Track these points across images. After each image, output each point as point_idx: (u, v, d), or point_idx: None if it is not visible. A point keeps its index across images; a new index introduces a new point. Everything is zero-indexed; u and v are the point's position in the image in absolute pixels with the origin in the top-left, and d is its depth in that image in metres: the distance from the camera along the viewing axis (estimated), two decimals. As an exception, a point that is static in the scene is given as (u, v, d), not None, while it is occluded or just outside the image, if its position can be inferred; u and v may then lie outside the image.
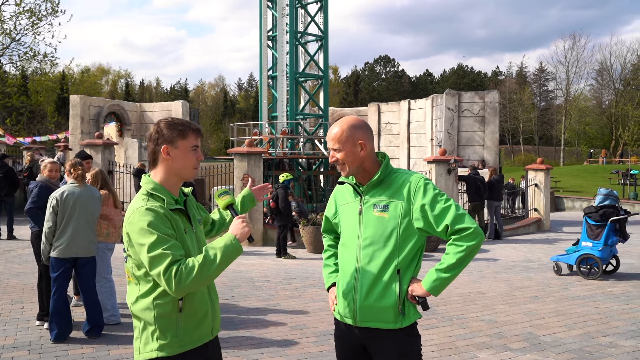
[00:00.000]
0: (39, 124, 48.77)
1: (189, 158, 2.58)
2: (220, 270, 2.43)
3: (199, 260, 2.38)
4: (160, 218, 2.44)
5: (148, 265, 2.39)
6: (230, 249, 2.43)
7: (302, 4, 20.10)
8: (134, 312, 2.54)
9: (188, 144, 2.57)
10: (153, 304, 2.47)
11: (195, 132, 2.60)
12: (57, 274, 5.91)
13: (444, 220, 2.67)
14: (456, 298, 8.13)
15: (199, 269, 2.36)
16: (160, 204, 2.50)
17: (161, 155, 2.56)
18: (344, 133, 2.78)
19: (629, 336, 6.31)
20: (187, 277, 2.34)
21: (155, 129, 2.59)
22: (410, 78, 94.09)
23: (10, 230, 13.35)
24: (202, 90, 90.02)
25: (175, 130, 2.56)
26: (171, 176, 2.59)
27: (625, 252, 12.16)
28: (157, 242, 2.38)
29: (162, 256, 2.36)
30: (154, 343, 2.49)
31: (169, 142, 2.55)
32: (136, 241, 2.42)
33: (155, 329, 2.48)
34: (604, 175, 39.36)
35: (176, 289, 2.35)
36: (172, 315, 2.48)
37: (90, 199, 6.07)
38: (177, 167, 2.58)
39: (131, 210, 2.50)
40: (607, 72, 65.78)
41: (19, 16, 30.11)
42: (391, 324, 2.74)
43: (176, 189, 2.63)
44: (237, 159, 14.02)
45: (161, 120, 2.63)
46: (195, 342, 2.55)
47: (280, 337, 6.14)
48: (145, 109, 24.57)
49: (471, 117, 21.04)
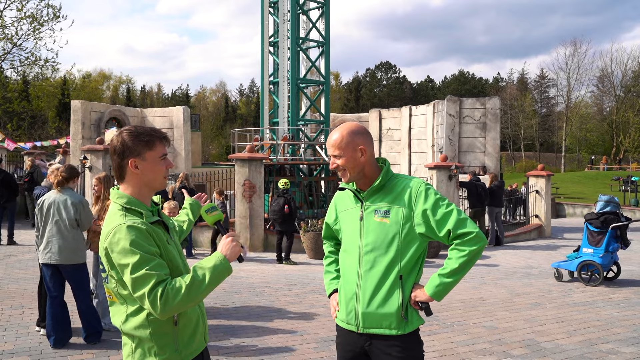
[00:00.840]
0: (40, 129, 48.80)
1: (158, 169, 2.45)
2: (209, 291, 2.32)
3: (187, 281, 2.26)
4: (142, 235, 2.30)
5: (131, 287, 2.25)
6: (220, 269, 2.32)
7: (303, 10, 20.14)
8: (126, 331, 2.41)
9: (156, 155, 2.43)
10: (147, 321, 2.36)
11: (161, 141, 2.46)
12: (47, 280, 5.96)
13: (446, 225, 2.66)
14: (457, 304, 8.11)
15: (187, 289, 2.24)
16: (139, 219, 2.36)
17: (129, 169, 2.42)
18: (344, 139, 2.78)
19: (630, 343, 6.30)
20: (174, 299, 2.22)
21: (120, 141, 2.42)
22: (412, 84, 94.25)
23: (10, 236, 13.35)
24: (204, 95, 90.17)
25: (141, 142, 2.41)
26: (142, 188, 2.46)
27: (626, 258, 12.14)
28: (141, 263, 2.24)
29: (146, 277, 2.22)
30: (152, 358, 2.39)
31: (136, 155, 2.40)
32: (118, 262, 2.28)
33: (153, 345, 2.38)
34: (605, 182, 39.39)
35: (161, 311, 2.23)
36: (169, 330, 2.39)
37: (63, 205, 5.91)
38: (147, 180, 2.44)
39: (109, 228, 2.33)
40: (608, 79, 65.92)
41: (21, 21, 30.23)
42: (394, 330, 2.73)
43: (149, 201, 2.50)
44: (238, 164, 14.02)
45: (123, 130, 2.46)
46: (193, 352, 2.50)
47: (281, 343, 6.13)
48: (147, 115, 24.59)
49: (472, 123, 21.05)
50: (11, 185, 13.48)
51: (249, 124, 64.46)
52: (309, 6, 20.42)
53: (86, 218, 6.04)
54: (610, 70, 65.27)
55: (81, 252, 6.04)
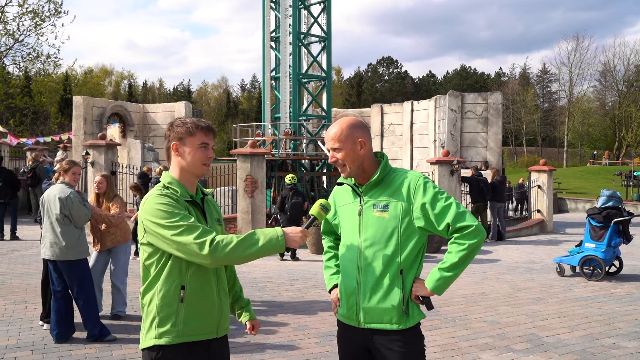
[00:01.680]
0: (42, 124, 48.88)
1: (196, 155, 2.65)
2: (256, 256, 2.47)
3: (240, 237, 2.45)
4: (174, 201, 2.53)
5: (177, 234, 2.42)
6: (274, 242, 2.47)
7: (305, 5, 20.09)
8: (142, 301, 2.62)
9: (196, 141, 2.64)
10: (157, 292, 2.54)
11: (203, 130, 2.66)
12: (50, 274, 5.99)
13: (445, 219, 2.65)
14: (459, 299, 8.12)
15: (238, 244, 2.42)
16: (175, 194, 2.59)
17: (172, 152, 2.68)
18: (344, 132, 2.77)
19: (632, 337, 6.30)
20: (224, 248, 2.41)
21: (169, 127, 2.71)
22: (414, 79, 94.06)
23: (13, 231, 13.38)
24: (205, 91, 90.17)
25: (184, 128, 2.65)
26: (183, 172, 2.68)
27: (628, 253, 12.14)
28: (181, 218, 2.46)
29: (192, 227, 2.44)
30: (153, 331, 2.53)
31: (178, 139, 2.65)
32: (156, 221, 2.47)
33: (155, 316, 2.53)
34: (607, 177, 39.35)
35: (211, 256, 2.40)
36: (174, 305, 2.52)
37: (52, 200, 5.84)
38: (186, 164, 2.66)
39: (144, 200, 2.60)
40: (611, 74, 65.72)
41: (22, 17, 30.15)
42: (395, 324, 2.72)
43: (192, 186, 2.70)
44: (240, 160, 14.02)
45: (176, 119, 2.74)
46: (194, 335, 2.55)
47: (283, 338, 6.15)
48: (149, 110, 24.59)
49: (474, 118, 21.02)
50: (13, 182, 13.52)
51: (251, 119, 64.44)
52: (310, 1, 20.38)
53: (77, 213, 5.84)
54: (613, 65, 65.15)
55: (73, 249, 5.84)
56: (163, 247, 2.50)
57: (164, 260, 2.53)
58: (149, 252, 2.56)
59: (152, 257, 2.56)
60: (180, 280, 2.52)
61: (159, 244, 2.51)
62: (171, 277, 2.52)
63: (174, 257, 2.51)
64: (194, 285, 2.53)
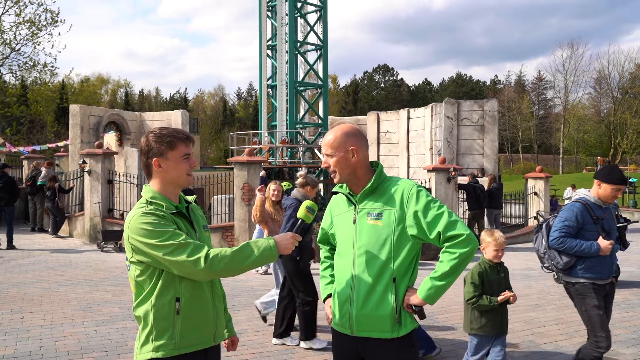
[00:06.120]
0: (39, 133, 48.77)
1: (180, 167, 2.62)
2: (251, 267, 2.50)
3: (234, 250, 2.47)
4: (160, 218, 2.49)
5: (169, 254, 2.40)
6: (267, 253, 2.51)
7: (301, 14, 20.18)
8: (136, 315, 2.58)
9: (178, 154, 2.61)
10: (151, 306, 2.50)
11: (184, 141, 2.63)
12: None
13: (437, 227, 2.65)
14: (457, 307, 8.11)
15: (232, 256, 2.44)
16: (160, 209, 2.54)
17: (154, 168, 2.61)
18: (337, 139, 2.80)
19: (630, 344, 6.31)
20: (220, 262, 2.42)
21: (145, 143, 2.62)
22: (410, 87, 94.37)
23: (9, 240, 13.33)
24: (202, 99, 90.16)
25: (163, 143, 2.59)
26: (167, 185, 2.63)
27: (624, 260, 12.15)
28: (170, 236, 2.43)
29: (183, 245, 2.42)
30: (150, 344, 2.51)
31: (159, 154, 2.59)
32: (145, 241, 2.44)
33: (152, 329, 2.51)
34: (603, 184, 39.30)
35: (208, 270, 2.40)
36: (170, 317, 2.50)
37: None
38: (170, 177, 2.62)
39: (130, 218, 2.54)
40: (605, 81, 66.04)
41: (19, 26, 30.13)
42: (387, 333, 2.71)
43: (175, 196, 2.67)
44: (237, 168, 14.04)
45: (149, 132, 2.64)
46: (192, 346, 2.55)
47: (280, 347, 6.13)
48: (145, 119, 24.59)
49: (470, 125, 21.09)
50: (13, 189, 13.49)
51: (247, 127, 64.46)
52: (306, 10, 20.48)
53: None
54: (608, 72, 65.43)
55: None
56: (155, 265, 2.48)
57: (156, 275, 2.51)
58: (141, 269, 2.52)
59: (144, 274, 2.52)
60: (174, 292, 2.50)
61: (151, 263, 2.48)
62: (165, 290, 2.50)
63: (166, 272, 2.49)
64: (188, 295, 2.52)
